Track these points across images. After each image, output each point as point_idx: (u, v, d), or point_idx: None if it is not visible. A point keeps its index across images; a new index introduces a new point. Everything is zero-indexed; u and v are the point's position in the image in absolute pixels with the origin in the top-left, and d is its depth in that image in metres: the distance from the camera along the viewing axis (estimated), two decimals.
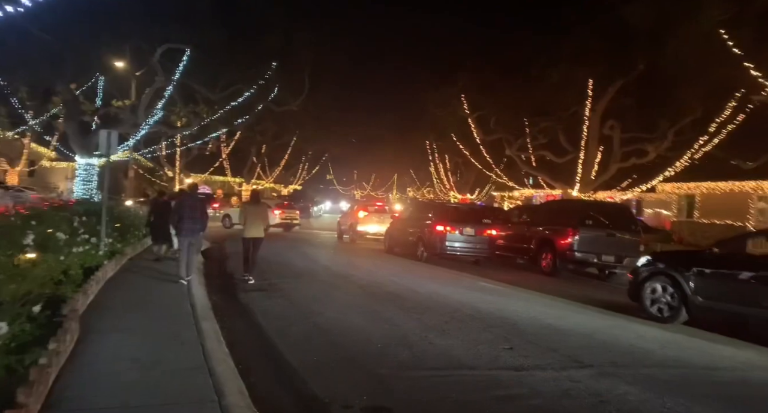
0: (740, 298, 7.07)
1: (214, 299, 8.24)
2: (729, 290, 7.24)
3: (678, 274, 7.71)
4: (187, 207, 9.04)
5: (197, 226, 9.09)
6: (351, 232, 21.19)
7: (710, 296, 7.38)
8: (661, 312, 7.94)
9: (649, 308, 8.08)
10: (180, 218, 8.96)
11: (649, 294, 8.10)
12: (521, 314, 7.94)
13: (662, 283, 7.94)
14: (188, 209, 9.00)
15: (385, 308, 7.93)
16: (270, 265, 12.52)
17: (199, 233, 9.22)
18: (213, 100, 22.25)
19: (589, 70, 20.15)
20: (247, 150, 44.11)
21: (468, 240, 14.98)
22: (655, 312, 8.00)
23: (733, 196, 21.39)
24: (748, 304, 6.94)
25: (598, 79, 20.85)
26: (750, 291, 6.96)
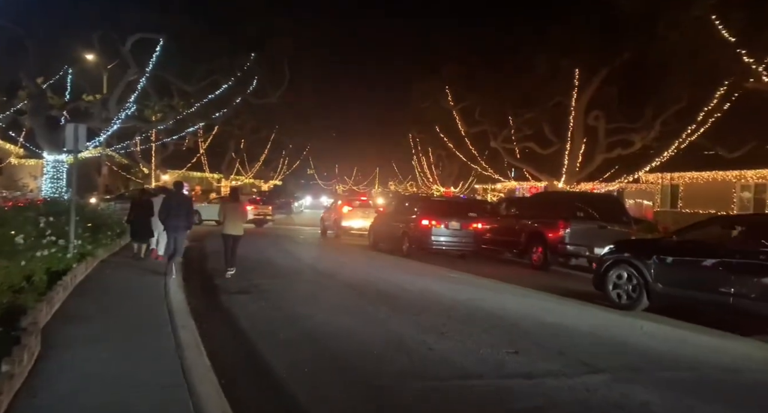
0: (698, 284, 7.24)
1: (194, 303, 7.70)
2: (687, 276, 7.43)
3: (640, 262, 7.89)
4: (174, 205, 9.38)
5: (182, 223, 9.41)
6: (335, 228, 20.71)
7: (670, 283, 7.55)
8: (620, 299, 8.13)
9: (612, 295, 8.24)
10: (167, 215, 9.31)
11: (612, 282, 8.26)
12: (520, 312, 7.59)
13: (625, 271, 8.10)
14: (175, 207, 9.35)
15: (377, 309, 7.49)
16: (253, 264, 11.98)
17: (184, 231, 9.56)
18: (189, 92, 21.38)
19: (576, 59, 19.90)
20: (225, 145, 43.12)
21: (454, 234, 14.66)
22: (617, 299, 8.17)
23: (717, 185, 21.44)
24: (705, 290, 7.11)
25: (584, 68, 20.62)
26: (706, 278, 7.15)
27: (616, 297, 8.18)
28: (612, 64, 20.01)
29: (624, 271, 8.08)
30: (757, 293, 6.59)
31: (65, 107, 19.03)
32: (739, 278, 6.78)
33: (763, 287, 6.54)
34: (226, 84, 21.19)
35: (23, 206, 12.47)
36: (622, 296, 8.11)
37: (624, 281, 8.09)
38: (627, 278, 8.04)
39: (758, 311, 6.60)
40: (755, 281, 6.64)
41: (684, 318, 7.54)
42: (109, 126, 17.95)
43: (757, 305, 6.58)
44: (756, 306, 6.60)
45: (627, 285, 8.06)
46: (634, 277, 7.92)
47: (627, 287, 8.06)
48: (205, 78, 21.25)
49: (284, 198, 40.69)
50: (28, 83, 17.72)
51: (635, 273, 7.90)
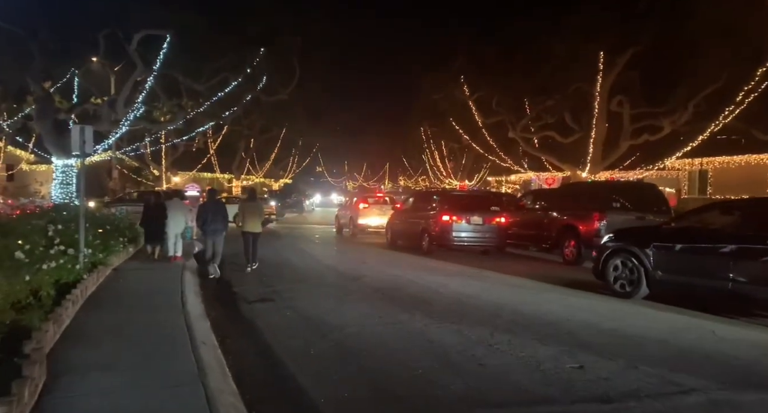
0: (696, 271, 7.23)
1: (213, 315, 7.15)
2: (686, 263, 7.45)
3: (639, 250, 7.90)
4: (211, 211, 10.27)
5: (219, 227, 10.28)
6: (351, 226, 20.12)
7: (669, 270, 7.57)
8: (623, 288, 8.12)
9: (612, 284, 8.25)
10: (204, 221, 10.21)
11: (612, 271, 8.27)
12: (569, 317, 6.91)
13: (624, 259, 8.11)
14: (211, 213, 10.22)
15: (412, 316, 6.87)
16: (270, 268, 11.43)
17: (222, 234, 10.37)
18: (198, 91, 20.84)
19: (601, 41, 19.00)
20: (235, 145, 42.74)
21: (476, 229, 14.01)
22: (618, 288, 8.18)
23: (750, 169, 20.51)
24: (704, 276, 7.11)
25: (609, 50, 19.70)
26: (704, 263, 7.15)
27: (617, 287, 8.18)
28: (639, 45, 19.07)
29: (624, 259, 8.10)
30: (755, 277, 6.56)
31: (73, 110, 18.58)
32: (737, 263, 6.74)
33: (761, 272, 6.50)
34: (235, 81, 20.60)
35: (31, 213, 12.02)
36: (623, 284, 8.12)
37: (624, 269, 8.10)
38: (627, 266, 8.05)
39: (757, 295, 6.58)
40: (753, 266, 6.61)
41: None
42: (118, 128, 17.46)
43: (755, 289, 6.56)
44: (754, 291, 6.58)
45: (627, 273, 8.06)
46: (634, 265, 7.92)
47: (627, 275, 8.06)
48: (214, 76, 20.70)
49: (296, 196, 40.22)
50: (34, 87, 17.31)
51: (635, 261, 7.90)
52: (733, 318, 7.03)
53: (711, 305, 7.29)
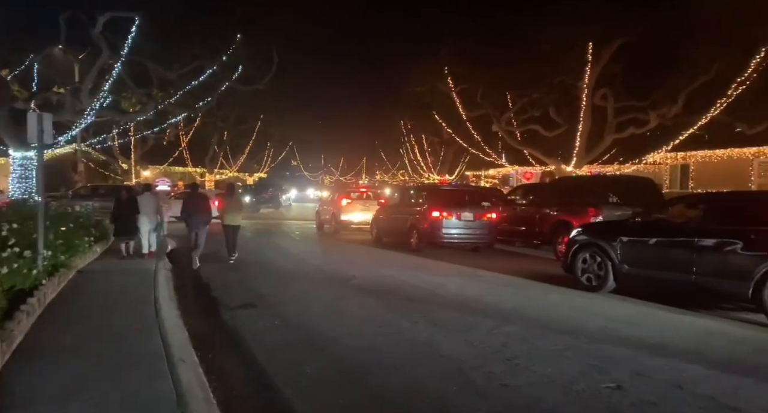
0: (661, 264, 7.33)
1: (192, 324, 6.40)
2: (652, 257, 7.53)
3: (606, 244, 7.99)
4: (193, 204, 10.66)
5: (202, 219, 10.58)
6: (333, 222, 19.39)
7: (635, 263, 7.67)
8: (590, 281, 8.19)
9: (580, 277, 8.31)
10: (188, 214, 10.57)
11: (581, 265, 8.33)
12: (583, 322, 6.40)
13: (592, 253, 8.17)
14: (195, 206, 10.62)
15: (414, 324, 6.25)
16: (253, 268, 10.67)
17: (205, 226, 10.64)
18: (170, 80, 19.67)
19: (588, 32, 18.61)
20: (208, 138, 41.37)
21: (467, 226, 13.49)
22: (586, 281, 8.24)
23: (732, 163, 20.54)
24: (669, 269, 7.20)
25: (597, 41, 19.34)
26: (669, 257, 7.24)
27: (585, 280, 8.24)
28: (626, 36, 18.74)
29: (591, 253, 8.17)
30: (717, 270, 6.65)
31: (32, 99, 17.26)
32: (700, 256, 6.85)
33: (723, 264, 6.60)
34: (210, 69, 19.48)
35: None
36: (590, 278, 8.19)
37: (592, 263, 8.15)
38: (594, 260, 8.12)
39: (719, 288, 6.70)
40: (715, 259, 6.71)
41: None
42: (82, 118, 16.24)
43: (717, 282, 6.67)
44: (717, 283, 6.68)
45: (594, 267, 8.11)
46: (601, 259, 8.00)
47: (594, 269, 8.11)
48: (187, 64, 19.54)
49: (272, 191, 39.14)
50: None
51: (602, 255, 7.99)
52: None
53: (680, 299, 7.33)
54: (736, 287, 6.50)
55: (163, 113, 22.54)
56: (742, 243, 6.49)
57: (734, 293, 6.62)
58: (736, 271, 6.50)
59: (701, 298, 7.36)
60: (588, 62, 19.93)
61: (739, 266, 6.49)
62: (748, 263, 6.37)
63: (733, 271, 6.53)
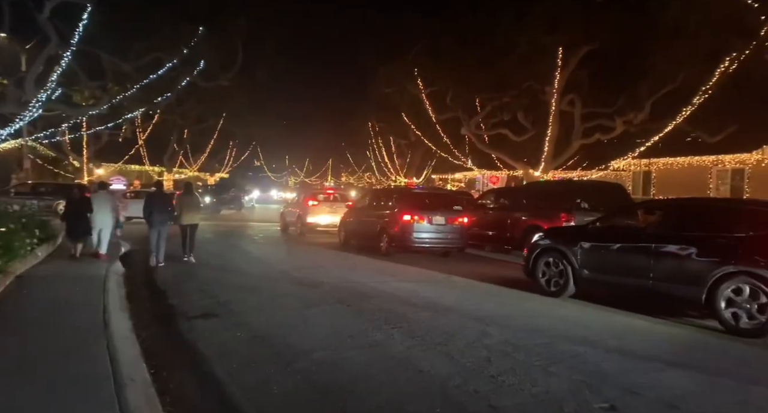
0: (619, 269, 7.40)
1: (145, 336, 5.83)
2: (609, 262, 7.60)
3: (567, 249, 8.03)
4: (158, 202, 10.74)
5: (166, 218, 10.69)
6: (299, 224, 18.82)
7: (594, 269, 7.72)
8: (549, 286, 8.24)
9: (541, 282, 8.34)
10: (151, 212, 10.57)
11: (542, 269, 8.36)
12: (565, 333, 6.14)
13: (553, 258, 8.20)
14: (158, 204, 10.70)
15: (389, 336, 5.86)
16: (213, 273, 10.05)
17: (167, 223, 10.72)
18: (126, 73, 18.59)
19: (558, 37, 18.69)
20: (167, 136, 39.82)
21: (438, 230, 13.20)
22: (546, 285, 8.28)
23: (692, 171, 21.10)
24: (627, 275, 7.27)
25: (568, 45, 19.47)
26: (626, 262, 7.31)
27: (545, 284, 8.28)
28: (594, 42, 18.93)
29: (552, 258, 8.19)
30: (672, 275, 6.73)
31: None
32: (657, 261, 6.91)
33: (678, 270, 6.68)
34: (170, 62, 18.51)
35: None
36: (550, 282, 8.22)
37: (552, 268, 8.18)
38: (555, 265, 8.14)
39: (674, 293, 6.75)
40: (671, 264, 6.78)
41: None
42: (28, 111, 15.07)
43: (673, 287, 6.74)
44: (672, 289, 6.76)
45: (555, 272, 8.14)
46: (561, 264, 8.03)
47: (555, 273, 8.15)
48: (145, 56, 18.51)
49: (234, 192, 38.07)
50: None
51: (563, 260, 8.01)
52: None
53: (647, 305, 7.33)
54: (690, 293, 6.56)
55: (119, 109, 21.37)
56: (697, 249, 6.58)
57: (689, 298, 6.65)
58: (690, 276, 6.57)
59: (659, 304, 7.35)
60: (558, 67, 20.07)
61: (693, 271, 6.56)
62: (702, 269, 6.46)
63: (688, 276, 6.59)
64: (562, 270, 8.06)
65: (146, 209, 10.70)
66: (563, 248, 8.10)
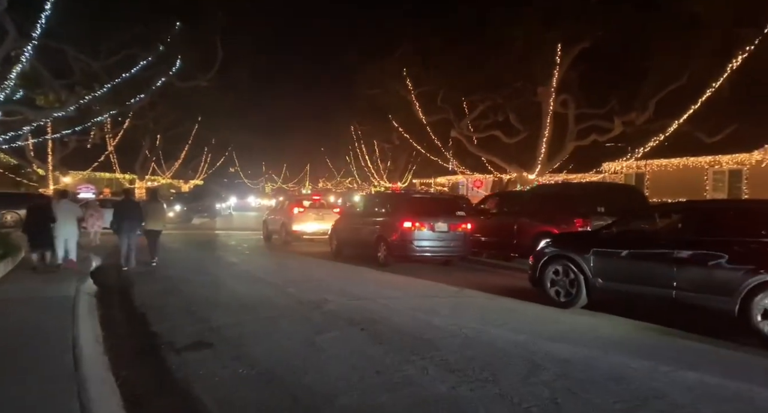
0: (640, 278, 6.90)
1: (126, 378, 4.79)
2: (626, 270, 7.11)
3: (578, 256, 7.53)
4: (126, 210, 11.10)
5: (135, 225, 11.00)
6: (284, 232, 17.78)
7: (609, 277, 7.23)
8: (561, 296, 7.71)
9: (550, 292, 7.84)
10: (121, 220, 10.94)
11: (550, 278, 7.85)
12: (631, 362, 5.27)
13: (562, 266, 7.70)
14: (127, 212, 11.04)
15: (423, 370, 4.91)
16: (199, 291, 8.98)
17: (136, 231, 11.10)
18: (95, 71, 17.18)
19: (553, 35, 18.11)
20: (138, 142, 38.16)
21: (440, 238, 12.37)
22: (555, 296, 7.77)
23: (688, 172, 20.75)
24: (648, 284, 6.78)
25: (564, 43, 18.92)
26: (646, 270, 6.83)
27: (554, 294, 7.79)
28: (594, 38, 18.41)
29: (562, 266, 7.71)
30: (698, 284, 6.27)
31: None
32: (681, 269, 6.44)
33: (705, 278, 6.21)
34: (144, 61, 17.18)
35: None
36: (560, 292, 7.73)
37: (562, 276, 7.68)
38: (565, 273, 7.65)
39: (702, 303, 6.27)
40: (696, 272, 6.31)
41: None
42: None
43: (699, 297, 6.27)
44: (699, 299, 6.28)
45: (565, 281, 7.64)
46: (573, 272, 7.54)
47: (565, 283, 7.65)
48: (116, 53, 17.13)
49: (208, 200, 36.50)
50: None
51: (573, 268, 7.53)
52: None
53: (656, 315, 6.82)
54: (721, 304, 6.06)
55: (87, 112, 19.91)
56: (727, 256, 6.08)
57: (719, 310, 6.13)
58: (720, 286, 6.07)
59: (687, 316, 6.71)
60: (556, 65, 19.50)
61: (723, 280, 6.06)
62: (734, 278, 5.96)
63: (718, 286, 6.10)
64: (573, 279, 7.51)
65: (115, 219, 11.04)
66: (574, 255, 7.55)
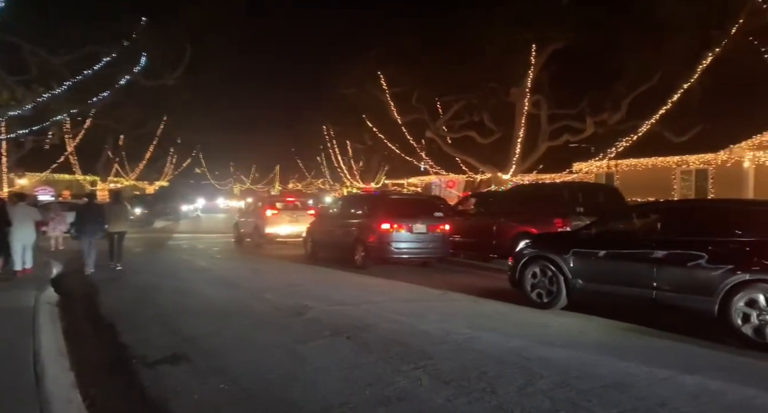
0: (620, 279, 6.88)
1: (95, 397, 4.40)
2: (608, 271, 7.08)
3: (558, 257, 7.50)
4: (90, 213, 11.14)
5: (98, 228, 11.06)
6: (256, 235, 17.29)
7: (589, 278, 7.21)
8: (541, 298, 7.68)
9: (530, 293, 7.81)
10: (84, 223, 11.03)
11: (530, 279, 7.83)
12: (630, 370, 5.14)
13: (542, 267, 7.68)
14: (92, 215, 11.08)
15: (416, 381, 4.68)
16: (170, 298, 8.54)
17: (100, 233, 11.12)
18: (54, 67, 16.28)
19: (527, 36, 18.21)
20: (100, 142, 36.76)
21: (419, 239, 12.20)
22: (536, 297, 7.74)
23: (657, 172, 21.19)
24: (628, 284, 6.77)
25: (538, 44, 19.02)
26: (627, 271, 6.82)
27: (534, 296, 7.75)
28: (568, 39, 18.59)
29: (542, 267, 7.68)
30: (678, 285, 6.29)
31: None
32: (661, 269, 6.43)
33: (685, 279, 6.24)
34: (107, 57, 16.35)
35: None
36: (540, 293, 7.68)
37: (542, 278, 7.66)
38: (545, 274, 7.62)
39: (683, 304, 6.28)
40: (675, 273, 6.33)
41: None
42: None
43: (679, 298, 6.28)
44: (678, 299, 6.29)
45: (545, 282, 7.61)
46: (552, 273, 7.51)
47: (545, 284, 7.61)
48: (77, 48, 16.25)
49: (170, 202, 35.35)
50: None
51: (553, 269, 7.50)
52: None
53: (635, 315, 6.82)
54: (700, 304, 6.11)
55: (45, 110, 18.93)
56: (706, 255, 6.11)
57: (699, 310, 6.17)
58: (700, 286, 6.11)
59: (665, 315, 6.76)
60: (531, 65, 19.61)
61: (703, 280, 6.10)
62: (713, 278, 6.00)
63: (697, 286, 6.14)
64: (553, 280, 7.49)
65: (77, 222, 11.14)
66: (554, 256, 7.52)
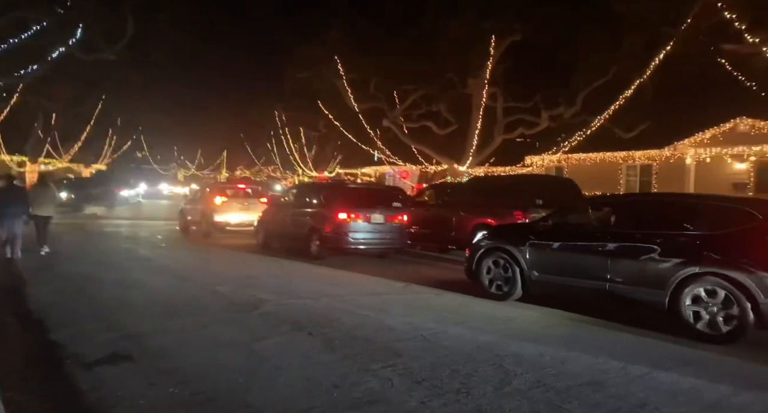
0: (574, 271, 6.92)
1: (20, 401, 3.89)
2: (563, 263, 7.13)
3: (514, 248, 7.53)
4: (8, 196, 10.30)
5: (18, 211, 10.28)
6: (204, 223, 16.46)
7: (544, 270, 7.25)
8: (498, 289, 7.68)
9: (486, 285, 7.81)
10: (3, 206, 10.12)
11: (486, 272, 7.83)
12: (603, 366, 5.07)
13: (498, 259, 7.68)
14: (11, 197, 10.32)
15: (387, 381, 4.40)
16: (109, 291, 7.88)
17: (20, 219, 10.31)
18: None
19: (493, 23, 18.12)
20: (30, 120, 34.12)
21: (377, 229, 11.95)
22: (494, 289, 7.73)
23: (604, 166, 21.85)
24: (582, 276, 6.80)
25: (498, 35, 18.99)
26: (582, 263, 6.85)
27: (492, 287, 7.73)
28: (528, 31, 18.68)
29: (498, 259, 7.68)
30: (631, 277, 6.35)
31: None
32: (614, 262, 6.51)
33: (637, 271, 6.30)
34: (37, 25, 14.87)
35: None
36: (497, 285, 7.68)
37: (498, 269, 7.66)
38: (501, 266, 7.63)
39: (635, 296, 6.35)
40: (628, 265, 6.40)
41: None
42: None
43: (631, 290, 6.36)
44: (631, 292, 6.37)
45: (501, 274, 7.62)
46: (509, 265, 7.52)
47: (501, 275, 7.62)
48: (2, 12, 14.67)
49: (103, 187, 32.87)
50: None
51: (509, 261, 7.51)
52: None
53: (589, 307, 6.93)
54: (652, 296, 6.17)
55: None
56: (658, 249, 6.18)
57: (650, 302, 6.25)
58: (651, 278, 6.17)
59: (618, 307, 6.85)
60: (490, 56, 19.60)
61: (654, 273, 6.16)
62: (665, 271, 6.08)
63: (649, 278, 6.19)
64: (508, 271, 7.49)
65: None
66: (510, 247, 7.52)
